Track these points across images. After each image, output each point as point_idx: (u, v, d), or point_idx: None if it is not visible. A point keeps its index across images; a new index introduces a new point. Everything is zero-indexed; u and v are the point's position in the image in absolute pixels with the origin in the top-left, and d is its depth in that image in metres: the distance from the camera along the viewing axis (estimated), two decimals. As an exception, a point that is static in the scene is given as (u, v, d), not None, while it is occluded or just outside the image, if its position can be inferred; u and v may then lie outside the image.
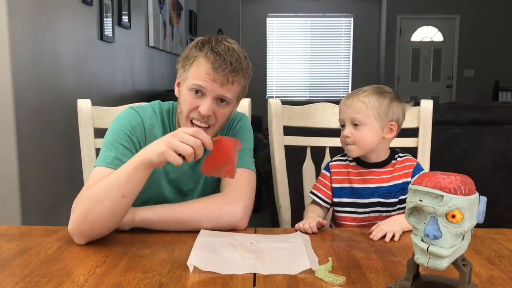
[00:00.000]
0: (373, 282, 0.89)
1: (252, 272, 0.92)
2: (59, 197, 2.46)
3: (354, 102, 1.29)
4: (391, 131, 1.32)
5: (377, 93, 1.30)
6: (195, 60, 1.19)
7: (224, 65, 1.16)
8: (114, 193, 1.07)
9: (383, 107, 1.29)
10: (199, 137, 1.02)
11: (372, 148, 1.31)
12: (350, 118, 1.29)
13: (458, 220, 0.72)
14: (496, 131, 2.46)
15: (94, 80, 3.07)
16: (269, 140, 1.60)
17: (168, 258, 1.00)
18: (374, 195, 1.33)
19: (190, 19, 6.77)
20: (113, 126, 1.26)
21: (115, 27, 3.46)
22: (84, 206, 1.08)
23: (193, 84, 1.19)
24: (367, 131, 1.28)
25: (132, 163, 1.08)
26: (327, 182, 1.38)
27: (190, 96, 1.20)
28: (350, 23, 8.30)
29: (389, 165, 1.34)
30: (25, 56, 2.16)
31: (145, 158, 1.06)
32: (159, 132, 1.29)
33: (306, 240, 1.12)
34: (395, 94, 1.33)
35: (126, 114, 1.28)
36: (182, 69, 1.24)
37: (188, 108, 1.21)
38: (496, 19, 7.79)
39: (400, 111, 1.33)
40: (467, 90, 7.93)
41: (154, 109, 1.31)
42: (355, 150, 1.30)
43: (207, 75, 1.17)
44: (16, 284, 0.86)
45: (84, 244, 1.08)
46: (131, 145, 1.23)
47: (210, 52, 1.18)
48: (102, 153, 1.21)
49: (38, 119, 2.27)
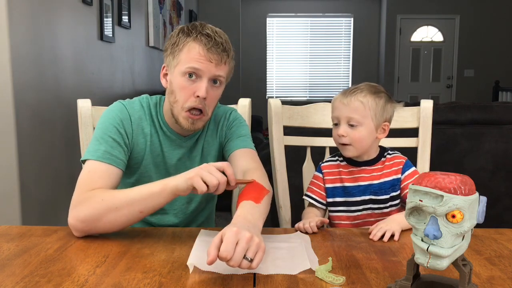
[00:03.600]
0: (373, 282, 0.89)
1: (252, 272, 0.92)
2: (59, 197, 2.46)
3: (352, 102, 1.28)
4: (384, 131, 1.34)
5: (373, 93, 1.30)
6: (185, 45, 1.20)
7: (216, 45, 1.19)
8: (133, 206, 1.09)
9: (379, 108, 1.30)
10: (226, 171, 1.05)
11: (367, 148, 1.32)
12: (347, 118, 1.29)
13: (458, 220, 0.72)
14: (496, 131, 2.46)
15: (94, 80, 3.07)
16: (269, 140, 1.60)
17: (168, 258, 1.00)
18: (365, 192, 1.33)
19: (190, 19, 6.78)
20: (102, 120, 1.27)
21: (115, 27, 3.46)
22: (97, 208, 1.09)
23: (188, 68, 1.19)
24: (363, 131, 1.29)
25: (160, 185, 1.09)
26: (320, 183, 1.39)
27: (184, 82, 1.21)
28: (350, 23, 8.30)
29: (379, 163, 1.34)
30: (25, 56, 2.16)
31: (174, 184, 1.07)
32: (147, 125, 1.30)
33: (306, 240, 1.12)
34: (388, 94, 1.34)
35: (114, 108, 1.29)
36: (171, 56, 1.24)
37: (185, 96, 1.21)
38: (496, 19, 7.79)
39: (392, 111, 1.35)
40: (467, 90, 7.93)
41: (142, 103, 1.32)
42: (351, 151, 1.31)
43: (201, 56, 1.19)
44: (16, 284, 0.86)
45: (84, 244, 1.08)
46: (120, 138, 1.24)
47: (200, 35, 1.20)
48: (92, 146, 1.22)
49: (38, 119, 2.27)
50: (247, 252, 0.87)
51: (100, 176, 1.16)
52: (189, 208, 1.38)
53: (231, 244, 0.86)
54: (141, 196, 1.09)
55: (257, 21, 8.18)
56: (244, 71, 7.73)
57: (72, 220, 1.11)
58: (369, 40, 8.29)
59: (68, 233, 1.15)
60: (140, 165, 1.30)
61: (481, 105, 2.51)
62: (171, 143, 1.32)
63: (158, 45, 4.77)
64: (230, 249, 0.85)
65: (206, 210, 1.45)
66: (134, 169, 1.30)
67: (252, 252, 0.88)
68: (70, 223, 1.12)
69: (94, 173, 1.17)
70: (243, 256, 0.87)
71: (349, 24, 8.31)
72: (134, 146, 1.29)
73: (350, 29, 8.31)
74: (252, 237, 0.89)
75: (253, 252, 0.88)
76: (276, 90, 8.39)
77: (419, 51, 8.06)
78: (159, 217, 1.36)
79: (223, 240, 0.87)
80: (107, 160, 1.19)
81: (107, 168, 1.18)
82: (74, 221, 1.11)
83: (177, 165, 1.33)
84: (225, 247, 0.86)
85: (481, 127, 2.47)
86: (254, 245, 0.88)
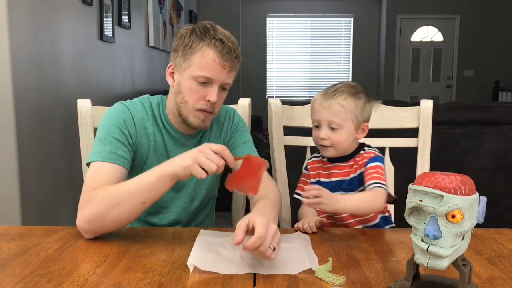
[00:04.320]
0: (373, 282, 0.89)
1: (252, 272, 0.92)
2: (59, 197, 2.46)
3: (333, 105, 1.29)
4: (363, 131, 1.35)
5: (353, 95, 1.30)
6: (199, 49, 1.21)
7: (229, 52, 1.21)
8: (134, 199, 1.09)
9: (359, 109, 1.31)
10: (223, 155, 1.04)
11: (347, 148, 1.33)
12: (327, 121, 1.30)
13: (458, 220, 0.72)
14: (496, 131, 2.46)
15: (94, 80, 3.07)
16: (269, 140, 1.60)
17: (168, 258, 1.00)
18: (337, 189, 1.34)
19: (190, 19, 6.78)
20: (104, 121, 1.27)
21: (115, 27, 3.46)
22: (100, 206, 1.09)
23: (201, 76, 1.21)
24: (344, 134, 1.30)
25: (157, 172, 1.09)
26: (307, 180, 1.42)
27: (195, 86, 1.22)
28: (350, 23, 8.30)
29: (352, 159, 1.35)
30: (25, 56, 2.16)
31: (172, 171, 1.07)
32: (150, 125, 1.30)
33: (306, 240, 1.12)
34: (366, 93, 1.35)
35: (117, 109, 1.29)
36: (182, 58, 1.24)
37: (195, 98, 1.23)
38: (496, 19, 7.79)
39: (370, 110, 1.35)
40: (467, 90, 7.93)
41: (143, 104, 1.32)
42: (332, 151, 1.33)
43: (216, 63, 1.20)
44: (16, 284, 0.86)
45: (84, 244, 1.08)
46: (123, 139, 1.24)
47: (214, 40, 1.20)
48: (96, 148, 1.22)
49: (38, 119, 2.27)
50: (272, 241, 0.93)
51: (105, 176, 1.16)
52: (192, 207, 1.38)
53: (265, 230, 0.92)
54: (141, 187, 1.09)
55: (257, 21, 8.18)
56: (244, 71, 7.72)
57: (79, 221, 1.11)
58: (369, 40, 8.28)
59: (68, 233, 1.15)
60: (144, 165, 1.30)
61: (481, 105, 2.51)
62: (175, 142, 1.33)
63: (158, 45, 4.77)
64: (264, 235, 0.91)
65: (207, 208, 1.45)
66: (138, 169, 1.30)
67: (276, 242, 0.94)
68: (78, 225, 1.12)
69: (99, 174, 1.17)
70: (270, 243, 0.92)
71: (349, 24, 8.31)
72: (138, 147, 1.29)
73: (350, 29, 8.31)
74: (277, 229, 0.96)
75: (277, 243, 0.94)
76: (276, 90, 8.39)
77: (419, 51, 8.06)
78: (161, 216, 1.36)
79: (255, 226, 0.93)
80: (113, 160, 1.19)
81: (112, 168, 1.18)
82: (81, 222, 1.11)
83: None
84: (261, 232, 0.91)
85: (481, 127, 2.47)
86: (278, 237, 0.95)
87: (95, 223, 1.10)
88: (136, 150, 1.29)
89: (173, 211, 1.36)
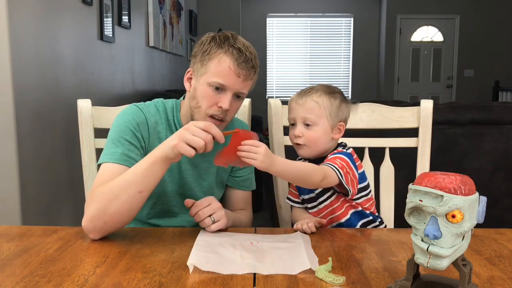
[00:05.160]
0: (373, 282, 0.89)
1: (252, 272, 0.92)
2: (59, 197, 2.46)
3: (308, 102, 1.29)
4: (340, 131, 1.33)
5: (328, 93, 1.30)
6: (216, 56, 1.21)
7: (246, 61, 1.21)
8: (131, 189, 1.09)
9: (334, 108, 1.30)
10: (210, 131, 1.05)
11: (323, 149, 1.32)
12: (302, 118, 1.30)
13: (458, 220, 0.72)
14: (496, 131, 2.46)
15: (94, 80, 3.07)
16: (269, 140, 1.60)
17: (168, 258, 1.00)
18: (311, 190, 1.33)
19: (190, 19, 6.77)
20: (118, 122, 1.26)
21: (115, 27, 3.46)
22: (100, 202, 1.09)
23: (215, 82, 1.21)
24: (318, 131, 1.29)
25: (150, 158, 1.10)
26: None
27: (210, 92, 1.23)
28: (350, 23, 8.30)
29: (325, 159, 1.32)
30: (25, 56, 2.16)
31: (162, 154, 1.08)
32: (163, 129, 1.30)
33: (306, 240, 1.12)
34: (343, 95, 1.35)
35: (130, 111, 1.28)
36: (199, 63, 1.25)
37: (208, 104, 1.23)
38: (496, 19, 7.79)
39: (347, 112, 1.35)
40: (467, 90, 7.93)
41: (157, 107, 1.32)
42: (306, 151, 1.31)
43: (231, 71, 1.20)
44: (16, 284, 0.86)
45: (84, 244, 1.08)
46: (136, 141, 1.24)
47: (232, 48, 1.21)
48: (108, 150, 1.22)
49: (38, 119, 2.27)
50: (214, 215, 1.16)
51: (111, 177, 1.14)
52: None
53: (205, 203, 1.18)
54: (135, 176, 1.10)
55: (257, 21, 8.18)
56: (244, 71, 7.71)
57: (83, 222, 1.11)
58: (369, 40, 8.28)
59: (68, 233, 1.15)
60: None
61: (481, 105, 2.51)
62: None
63: (158, 45, 4.77)
64: (201, 205, 1.18)
65: None
66: None
67: (217, 216, 1.17)
68: (83, 226, 1.12)
69: (109, 176, 1.16)
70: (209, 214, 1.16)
71: (349, 24, 8.31)
72: (150, 150, 1.28)
73: (350, 29, 8.31)
74: (221, 207, 1.19)
75: (219, 217, 1.17)
76: (276, 90, 8.39)
77: (419, 51, 8.06)
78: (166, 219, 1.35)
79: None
80: (124, 162, 1.19)
81: (123, 170, 1.16)
82: (85, 223, 1.11)
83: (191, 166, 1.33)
84: (199, 202, 1.18)
85: (481, 127, 2.47)
86: (221, 214, 1.18)
87: (97, 221, 1.09)
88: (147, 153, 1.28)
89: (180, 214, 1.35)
